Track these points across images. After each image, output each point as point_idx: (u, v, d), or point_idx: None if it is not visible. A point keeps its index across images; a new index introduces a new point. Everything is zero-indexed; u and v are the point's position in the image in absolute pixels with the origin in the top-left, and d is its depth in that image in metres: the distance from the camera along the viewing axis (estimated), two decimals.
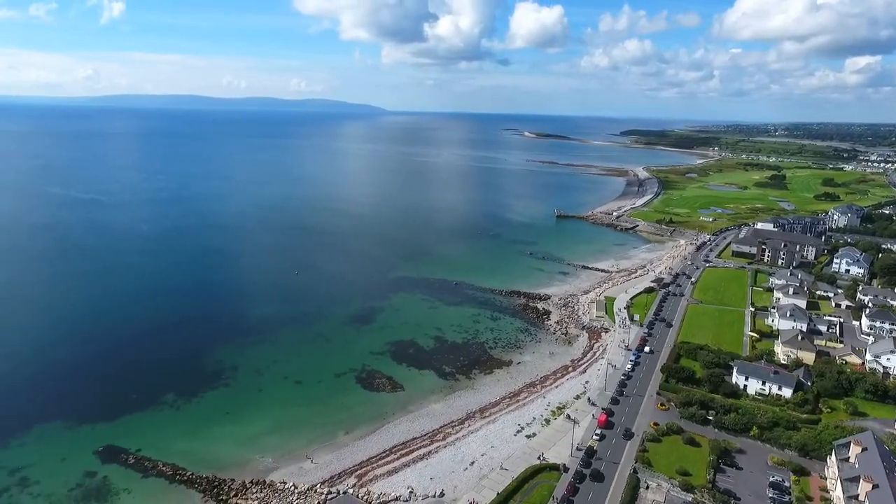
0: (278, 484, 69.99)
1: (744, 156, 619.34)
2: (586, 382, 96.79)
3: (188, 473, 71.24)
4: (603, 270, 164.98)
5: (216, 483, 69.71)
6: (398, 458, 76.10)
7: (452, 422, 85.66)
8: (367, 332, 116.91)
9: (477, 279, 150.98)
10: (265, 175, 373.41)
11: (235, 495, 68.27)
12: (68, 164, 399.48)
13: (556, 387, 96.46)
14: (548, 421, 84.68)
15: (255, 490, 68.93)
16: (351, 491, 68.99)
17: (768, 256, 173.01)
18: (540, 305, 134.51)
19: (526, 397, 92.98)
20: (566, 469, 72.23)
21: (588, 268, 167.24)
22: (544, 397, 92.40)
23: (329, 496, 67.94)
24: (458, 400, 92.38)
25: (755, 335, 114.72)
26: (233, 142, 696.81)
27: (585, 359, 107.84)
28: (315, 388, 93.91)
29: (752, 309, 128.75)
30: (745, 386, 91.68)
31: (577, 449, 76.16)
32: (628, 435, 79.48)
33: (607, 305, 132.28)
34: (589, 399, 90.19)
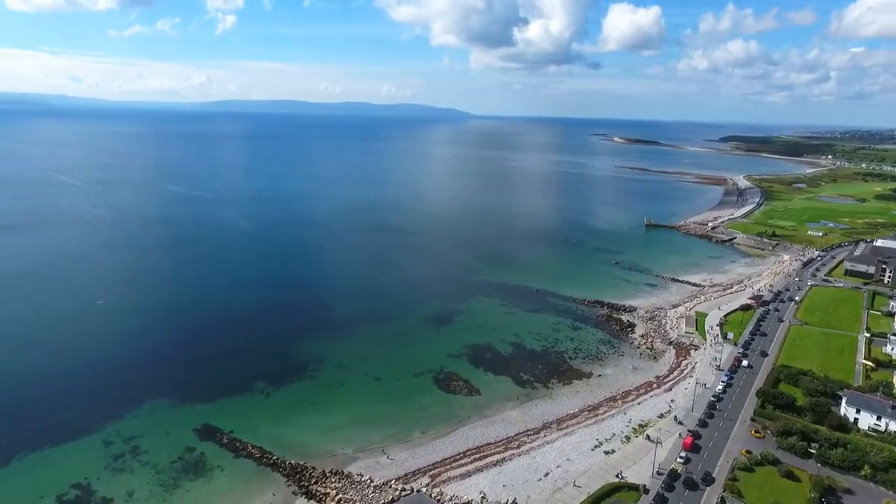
0: (355, 476, 72.35)
1: (863, 165, 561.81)
2: (672, 401, 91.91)
3: (274, 457, 75.43)
4: (694, 284, 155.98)
5: (299, 469, 73.35)
6: (471, 462, 76.16)
7: (528, 430, 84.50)
8: (445, 334, 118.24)
9: (558, 287, 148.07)
10: (354, 176, 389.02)
11: (315, 482, 71.37)
12: (181, 164, 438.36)
13: (639, 403, 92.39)
14: (628, 438, 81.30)
15: (333, 480, 71.71)
16: (424, 490, 69.93)
17: (889, 277, 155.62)
18: (624, 317, 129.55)
19: (605, 412, 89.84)
20: (646, 491, 68.85)
21: (678, 281, 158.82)
22: (625, 413, 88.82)
23: (403, 493, 69.28)
24: (534, 408, 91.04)
25: (870, 364, 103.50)
26: (326, 144, 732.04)
27: (672, 376, 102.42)
28: (394, 385, 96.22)
29: (868, 335, 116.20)
30: (856, 419, 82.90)
31: (658, 472, 72.40)
32: (708, 480, 71.20)
33: (698, 321, 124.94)
34: (676, 418, 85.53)
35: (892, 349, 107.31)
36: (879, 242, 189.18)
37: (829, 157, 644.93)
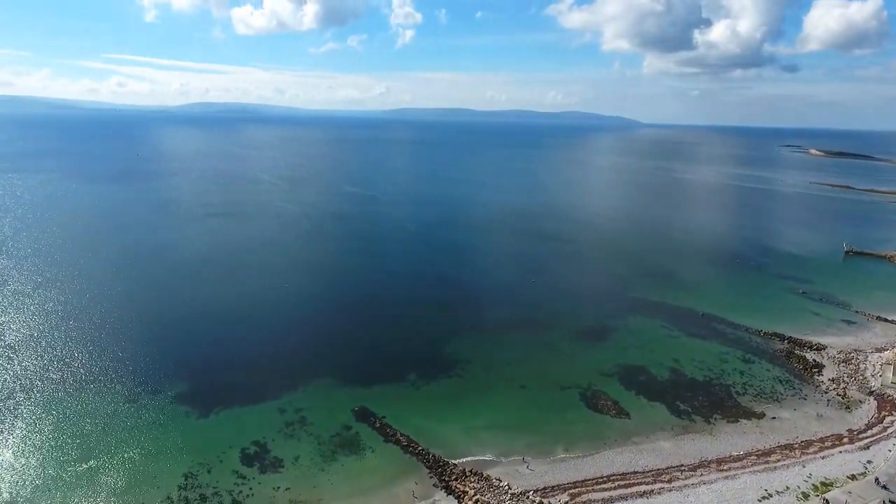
0: (494, 480, 72.84)
1: None
2: (868, 462, 77.50)
3: (419, 448, 79.15)
4: None
5: (441, 463, 76.05)
6: (616, 489, 72.08)
7: (682, 465, 77.50)
8: (596, 350, 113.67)
9: (729, 313, 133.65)
10: (514, 182, 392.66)
11: (455, 479, 73.34)
12: (358, 166, 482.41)
13: (823, 457, 79.41)
14: (805, 496, 70.26)
15: (473, 479, 73.01)
16: None
17: None
18: (809, 356, 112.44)
19: (778, 460, 78.78)
20: None
21: (886, 320, 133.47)
22: (804, 466, 77.00)
23: None
24: (690, 443, 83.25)
25: None
26: (488, 150, 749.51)
27: (870, 432, 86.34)
28: (539, 395, 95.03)
29: None
30: None
31: None
32: None
33: None
34: (878, 481, 71.82)
35: None
36: None
37: None
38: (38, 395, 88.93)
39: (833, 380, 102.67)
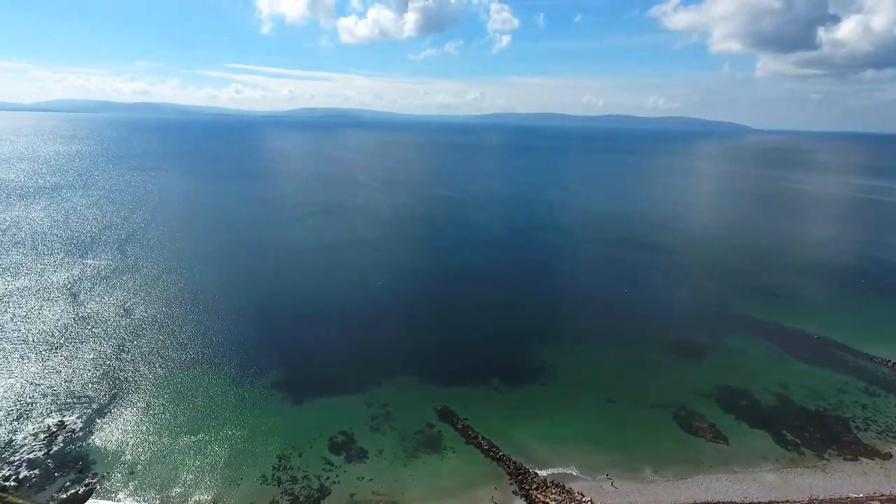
0: (577, 494, 70.72)
1: None
2: None
3: (500, 453, 78.63)
4: None
5: (522, 471, 75.04)
6: None
7: (788, 500, 70.88)
8: (693, 368, 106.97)
9: (850, 338, 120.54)
10: (609, 188, 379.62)
11: (536, 488, 72.05)
12: (449, 170, 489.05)
13: None
14: None
15: (554, 491, 71.35)
16: None
17: None
18: None
19: None
20: None
21: None
22: None
23: None
24: (799, 478, 75.91)
25: None
26: (584, 156, 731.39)
27: None
28: (628, 411, 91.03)
29: None
30: None
31: None
32: None
33: None
34: None
35: None
36: None
37: None
38: (157, 369, 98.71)
39: None
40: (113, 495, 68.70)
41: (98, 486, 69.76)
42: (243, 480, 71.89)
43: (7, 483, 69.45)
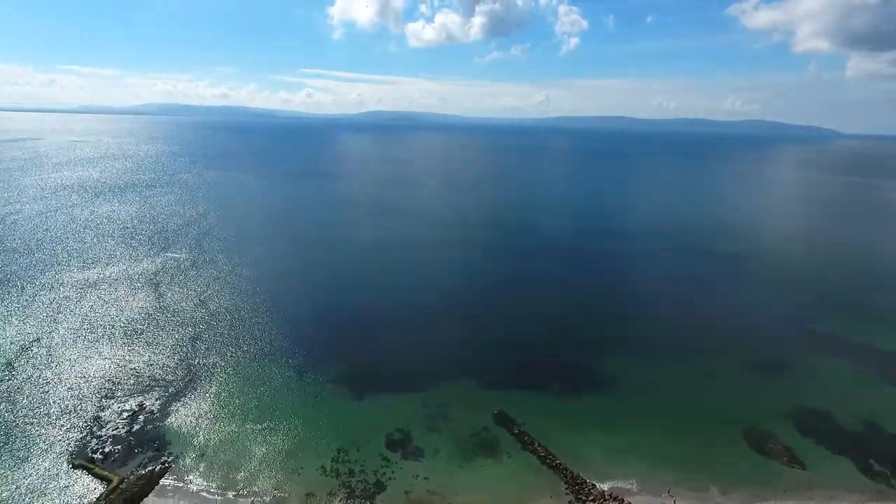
0: None
1: None
2: None
3: (557, 461, 77.04)
4: None
5: (579, 480, 73.17)
6: None
7: None
8: (768, 386, 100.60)
9: None
10: (678, 194, 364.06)
11: (594, 500, 70.07)
12: (512, 173, 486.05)
13: None
14: None
15: None
16: None
17: None
18: None
19: None
20: None
21: None
22: None
23: None
24: None
25: None
26: (651, 161, 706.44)
27: None
28: (694, 426, 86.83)
29: None
30: None
31: None
32: None
33: None
34: None
35: None
36: None
37: None
38: (228, 358, 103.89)
39: None
40: (184, 476, 72.85)
41: (172, 466, 74.22)
42: (303, 470, 74.29)
43: (95, 456, 75.20)
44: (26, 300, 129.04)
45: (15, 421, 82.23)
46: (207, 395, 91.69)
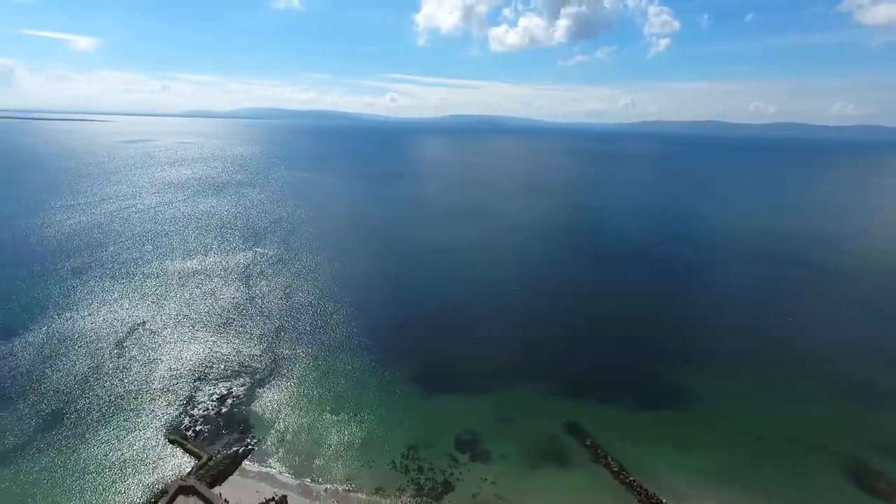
0: None
1: None
2: None
3: (630, 478, 74.21)
4: None
5: (654, 500, 69.98)
6: None
7: None
8: (872, 415, 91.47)
9: None
10: (774, 204, 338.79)
11: None
12: (593, 178, 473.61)
13: None
14: None
15: None
16: None
17: None
18: None
19: None
20: None
21: None
22: None
23: None
24: None
25: None
26: (745, 168, 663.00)
27: None
28: (780, 452, 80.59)
29: None
30: None
31: None
32: None
33: None
34: None
35: None
36: None
37: None
38: (309, 350, 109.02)
39: None
40: (265, 459, 77.26)
41: (255, 449, 78.96)
42: (375, 463, 76.48)
43: (187, 433, 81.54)
44: (136, 286, 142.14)
45: (123, 395, 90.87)
46: (289, 383, 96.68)
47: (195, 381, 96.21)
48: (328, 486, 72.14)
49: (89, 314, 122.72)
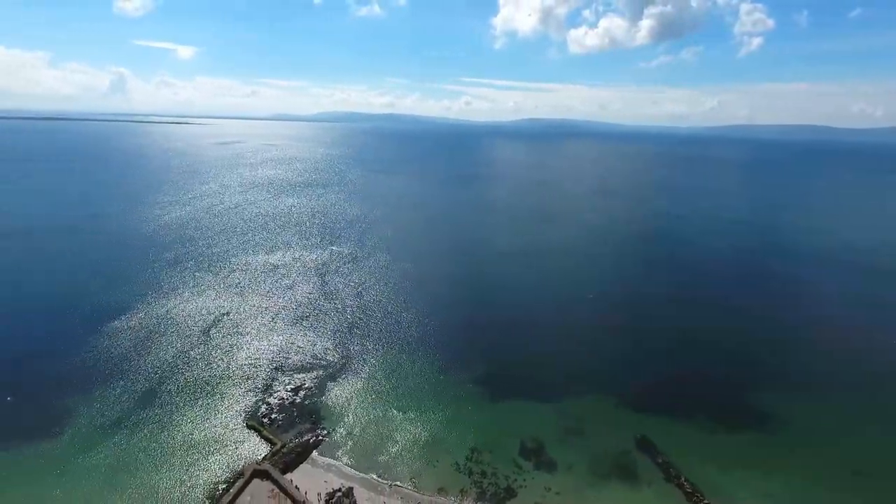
0: None
1: None
2: None
3: (705, 501, 70.32)
4: None
5: None
6: None
7: None
8: None
9: None
10: (876, 216, 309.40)
11: None
12: (672, 184, 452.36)
13: None
14: None
15: None
16: None
17: None
18: None
19: None
20: None
21: None
22: None
23: None
24: None
25: None
26: (845, 177, 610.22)
27: None
28: (881, 486, 73.41)
29: None
30: None
31: None
32: None
33: None
34: None
35: None
36: None
37: None
38: (379, 347, 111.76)
39: None
40: (334, 451, 79.96)
41: (325, 440, 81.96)
42: (438, 463, 77.16)
43: (264, 420, 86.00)
44: (222, 278, 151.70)
45: (207, 380, 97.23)
46: (359, 379, 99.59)
47: (272, 371, 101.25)
48: (392, 482, 73.54)
49: (181, 302, 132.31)
